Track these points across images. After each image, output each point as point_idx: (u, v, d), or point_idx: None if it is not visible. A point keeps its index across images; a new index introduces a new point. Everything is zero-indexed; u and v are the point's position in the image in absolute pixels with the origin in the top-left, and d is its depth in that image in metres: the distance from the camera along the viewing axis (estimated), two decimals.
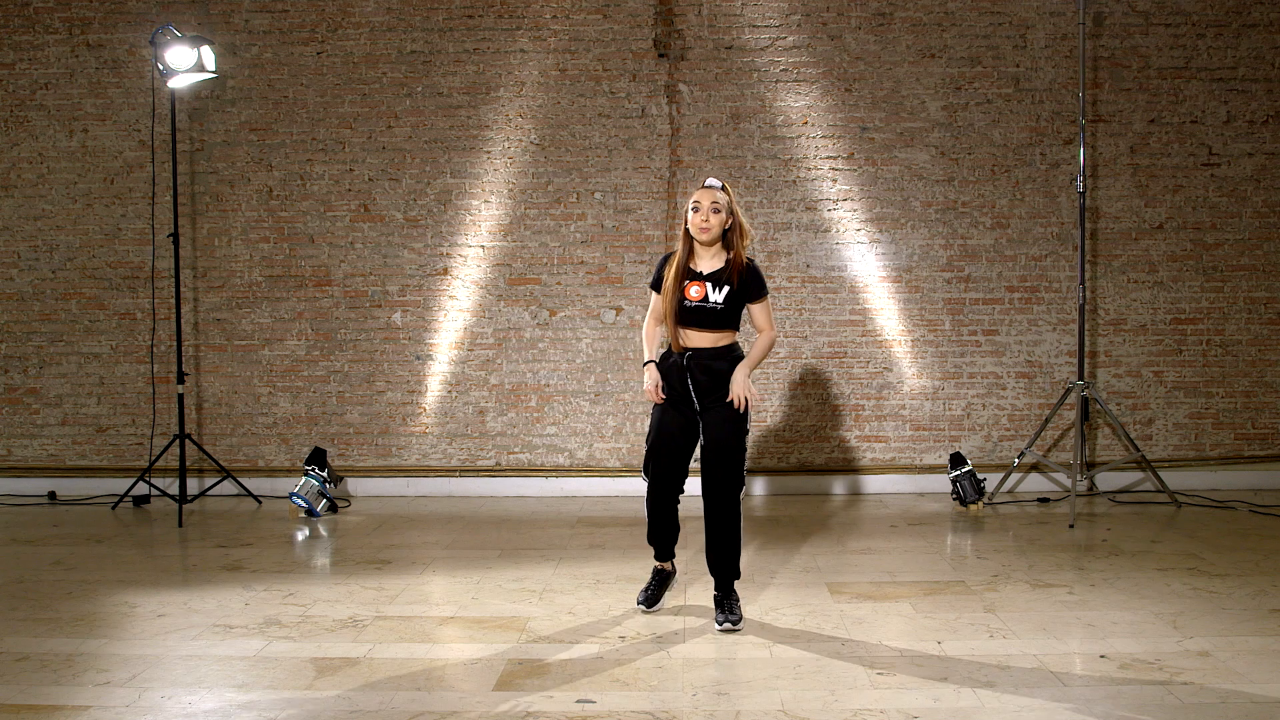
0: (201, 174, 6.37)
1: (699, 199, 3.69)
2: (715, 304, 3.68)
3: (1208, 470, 6.28)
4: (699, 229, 3.69)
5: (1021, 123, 6.26)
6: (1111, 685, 3.09)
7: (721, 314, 3.70)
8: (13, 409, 6.45)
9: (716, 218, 3.68)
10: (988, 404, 6.32)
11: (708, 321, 3.70)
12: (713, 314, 3.69)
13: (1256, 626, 3.62)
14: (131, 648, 3.52)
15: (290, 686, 3.15)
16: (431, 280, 6.37)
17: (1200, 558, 4.62)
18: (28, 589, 4.29)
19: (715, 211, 3.68)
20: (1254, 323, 6.31)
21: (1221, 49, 6.24)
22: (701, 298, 3.69)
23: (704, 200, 3.68)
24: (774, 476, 6.33)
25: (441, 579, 4.45)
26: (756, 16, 6.27)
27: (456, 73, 6.31)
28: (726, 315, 3.71)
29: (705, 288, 3.70)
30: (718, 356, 3.71)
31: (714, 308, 3.69)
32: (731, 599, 3.76)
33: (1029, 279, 6.29)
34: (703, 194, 3.70)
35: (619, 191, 6.31)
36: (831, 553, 4.84)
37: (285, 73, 6.33)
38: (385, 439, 6.40)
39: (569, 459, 6.38)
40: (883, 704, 2.97)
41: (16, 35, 6.35)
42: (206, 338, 6.41)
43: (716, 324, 3.70)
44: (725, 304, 3.69)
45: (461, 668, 3.32)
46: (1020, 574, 4.40)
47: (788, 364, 6.34)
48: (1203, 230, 6.28)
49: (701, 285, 3.70)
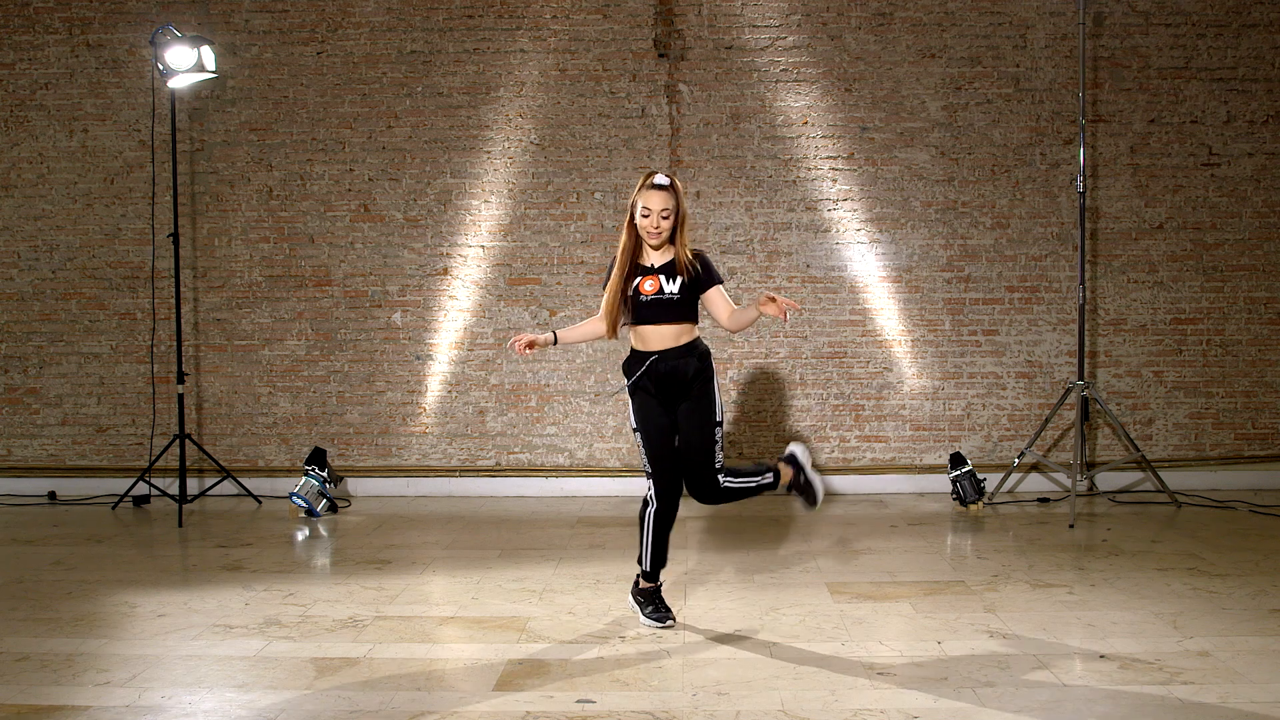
0: (201, 174, 6.37)
1: (649, 206, 3.62)
2: (671, 294, 3.63)
3: (1208, 470, 6.28)
4: (649, 233, 3.64)
5: (1021, 123, 6.26)
6: (1111, 685, 3.09)
7: (680, 304, 3.64)
8: (13, 409, 6.45)
9: (666, 223, 3.65)
10: (988, 404, 6.32)
11: (667, 314, 3.63)
12: (671, 305, 3.63)
13: (1256, 626, 3.62)
14: (131, 648, 3.52)
15: (290, 686, 3.15)
16: (431, 280, 6.37)
17: (1200, 558, 4.62)
18: (28, 589, 4.29)
19: (665, 218, 3.64)
20: (1254, 323, 6.31)
21: (1221, 49, 6.24)
22: (656, 290, 3.64)
23: (654, 207, 3.62)
24: None
25: (441, 579, 4.45)
26: (756, 16, 6.27)
27: (456, 73, 6.31)
28: (685, 306, 3.65)
29: (659, 280, 3.65)
30: (684, 354, 3.65)
31: (671, 298, 3.63)
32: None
33: (1029, 279, 6.29)
34: (653, 198, 3.62)
35: (619, 191, 6.31)
36: (831, 553, 4.84)
37: (285, 73, 6.33)
38: (385, 439, 6.40)
39: (569, 459, 6.38)
40: (883, 704, 2.97)
41: (16, 35, 6.35)
42: (206, 338, 6.41)
43: (677, 316, 3.64)
44: (681, 293, 3.63)
45: (461, 668, 3.32)
46: (1020, 574, 4.40)
47: (788, 364, 6.34)
48: (1203, 230, 6.28)
49: (654, 278, 3.65)
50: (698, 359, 3.67)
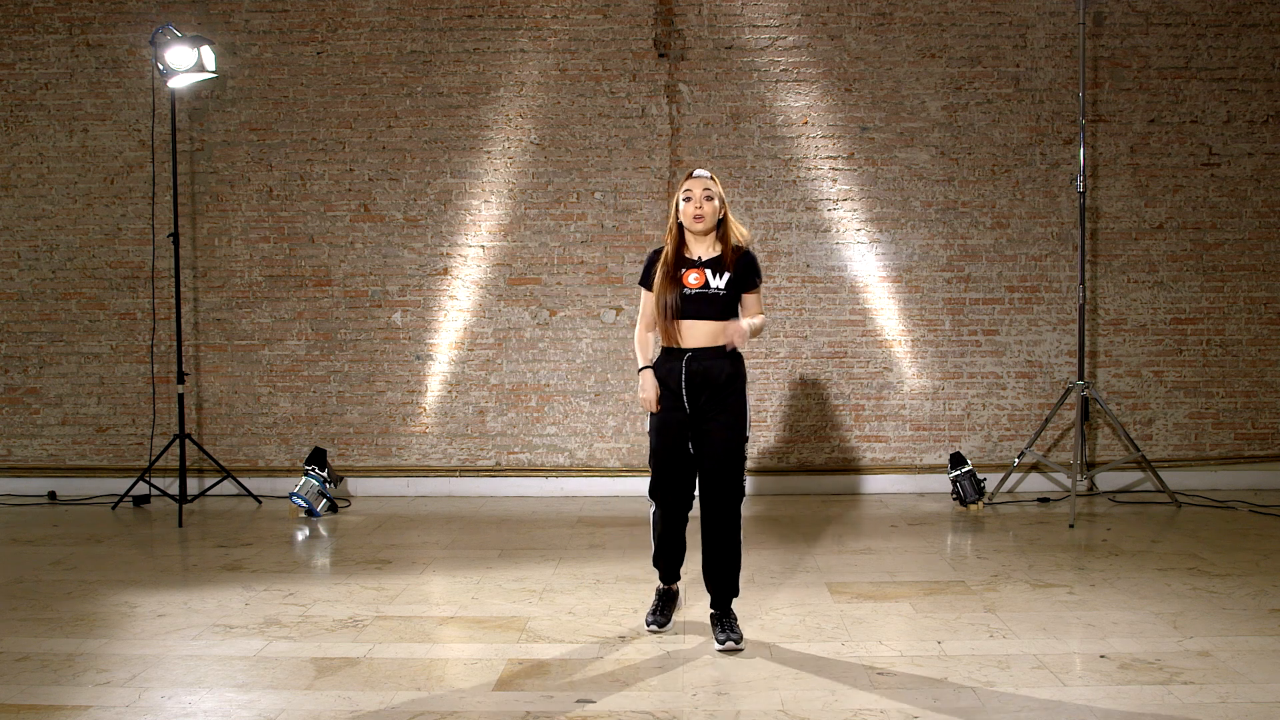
0: (201, 174, 6.37)
1: (690, 188, 3.55)
2: (718, 289, 3.49)
3: (1208, 470, 6.28)
4: (693, 218, 3.52)
5: (1021, 123, 6.26)
6: (1111, 685, 3.09)
7: (724, 301, 3.50)
8: (13, 409, 6.45)
9: (709, 205, 3.53)
10: (988, 404, 6.32)
11: (710, 310, 3.49)
12: (715, 301, 3.49)
13: (1256, 626, 3.62)
14: (131, 648, 3.52)
15: (290, 686, 3.15)
16: (431, 280, 6.37)
17: (1200, 558, 4.62)
18: (28, 589, 4.29)
19: (708, 199, 3.53)
20: (1254, 323, 6.31)
21: (1221, 49, 6.24)
22: (702, 284, 3.49)
23: (695, 189, 3.54)
24: (774, 476, 6.33)
25: (441, 579, 4.45)
26: (756, 16, 6.27)
27: (456, 73, 6.31)
28: (729, 303, 3.52)
29: (705, 274, 3.50)
30: (718, 355, 3.50)
31: (716, 293, 3.49)
32: (731, 616, 3.56)
33: (1029, 279, 6.29)
34: (693, 183, 3.55)
35: (619, 191, 6.31)
36: (831, 553, 4.84)
37: (285, 73, 6.33)
38: (385, 439, 6.40)
39: (569, 459, 6.38)
40: (883, 704, 2.97)
41: (16, 35, 6.35)
42: (206, 338, 6.41)
43: (719, 313, 3.50)
44: (727, 290, 3.50)
45: (461, 668, 3.32)
46: (1020, 574, 4.40)
47: (788, 364, 6.34)
48: (1203, 230, 6.28)
49: (700, 272, 3.51)
50: (730, 363, 3.52)
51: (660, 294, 3.54)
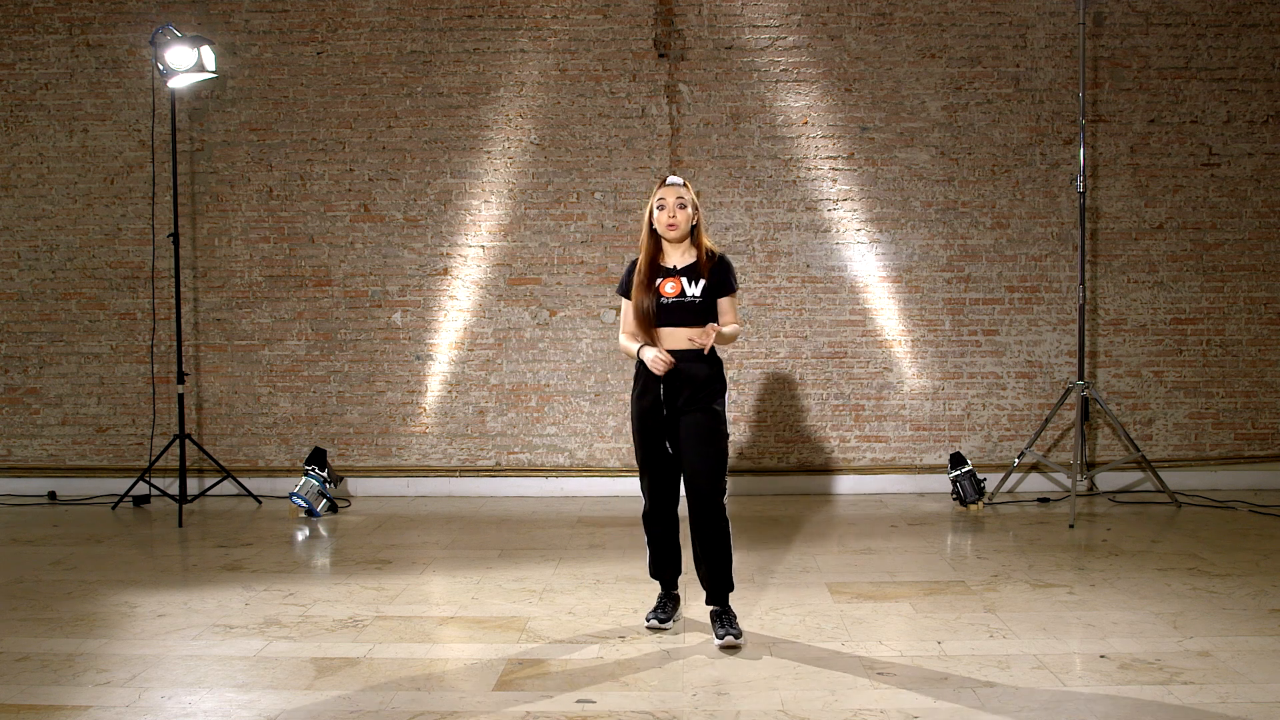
0: (201, 174, 6.37)
1: (663, 196, 3.61)
2: (694, 298, 3.57)
3: (1208, 470, 6.28)
4: (666, 226, 3.60)
5: (1021, 123, 6.26)
6: (1111, 685, 3.09)
7: (700, 308, 3.57)
8: (13, 409, 6.45)
9: (683, 213, 3.60)
10: (988, 404, 6.32)
11: (687, 318, 3.56)
12: (692, 309, 3.56)
13: (1256, 626, 3.62)
14: (131, 648, 3.52)
15: (290, 686, 3.15)
16: (431, 280, 6.37)
17: (1200, 558, 4.62)
18: (28, 589, 4.29)
19: (681, 207, 3.60)
20: (1254, 323, 6.31)
21: (1221, 49, 6.24)
22: (678, 292, 3.57)
23: (669, 197, 3.60)
24: (774, 476, 6.33)
25: (441, 579, 4.45)
26: (756, 16, 6.27)
27: (456, 73, 6.31)
28: (705, 310, 3.59)
29: (680, 282, 3.59)
30: (696, 358, 3.54)
31: (693, 302, 3.56)
32: (729, 613, 3.60)
33: (1029, 279, 6.29)
34: (666, 191, 3.62)
35: (619, 191, 6.31)
36: (831, 553, 4.84)
37: (285, 73, 6.33)
38: (385, 439, 6.40)
39: (569, 459, 6.38)
40: (883, 704, 2.97)
41: (16, 35, 6.35)
42: (206, 338, 6.41)
43: (697, 320, 3.57)
44: (703, 297, 3.58)
45: (461, 668, 3.32)
46: (1020, 574, 4.40)
47: (788, 364, 6.34)
48: (1203, 230, 6.28)
49: (676, 280, 3.60)
50: (708, 365, 3.57)
51: (637, 303, 3.61)
